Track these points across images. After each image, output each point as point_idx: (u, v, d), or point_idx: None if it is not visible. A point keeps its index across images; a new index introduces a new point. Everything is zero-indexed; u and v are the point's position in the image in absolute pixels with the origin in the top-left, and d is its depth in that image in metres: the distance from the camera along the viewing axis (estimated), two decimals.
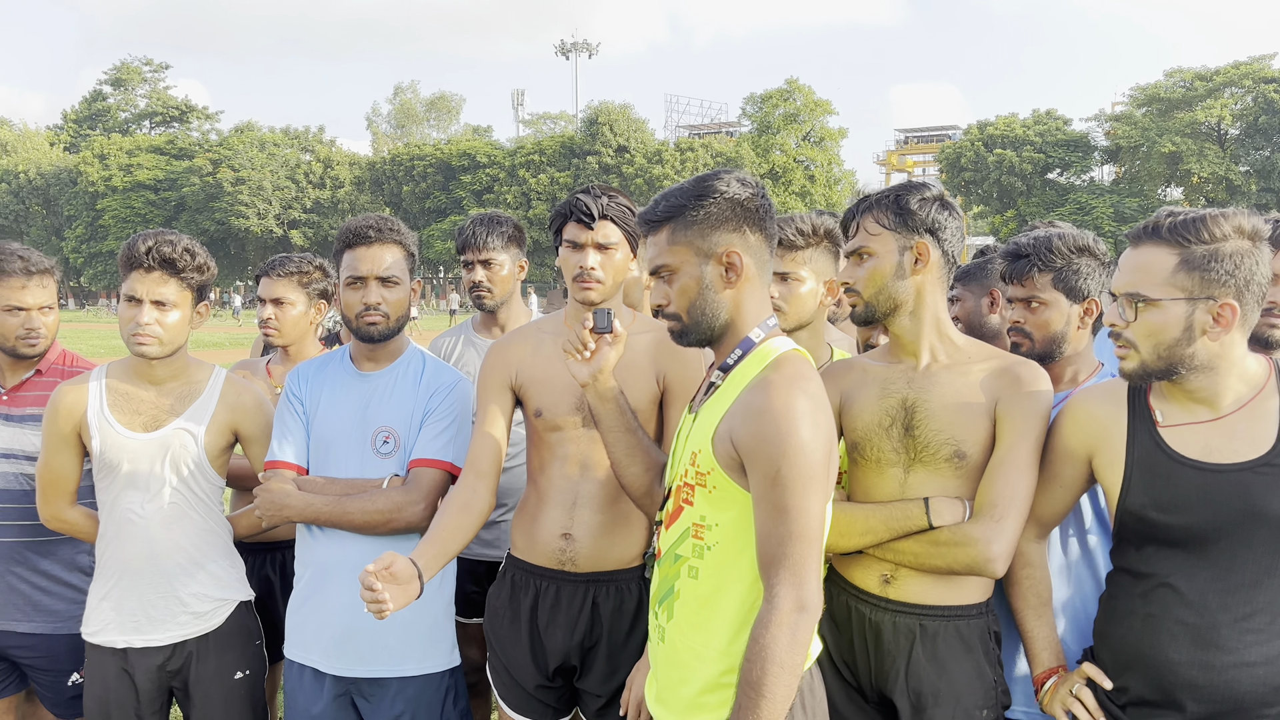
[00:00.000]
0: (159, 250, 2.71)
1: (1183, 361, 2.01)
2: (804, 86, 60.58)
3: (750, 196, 1.99)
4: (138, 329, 2.71)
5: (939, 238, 2.28)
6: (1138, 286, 2.02)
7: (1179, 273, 1.98)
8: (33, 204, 69.54)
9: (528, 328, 2.78)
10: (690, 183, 2.01)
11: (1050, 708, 2.23)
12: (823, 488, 1.87)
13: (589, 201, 2.58)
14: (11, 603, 3.10)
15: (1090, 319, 2.53)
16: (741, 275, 1.98)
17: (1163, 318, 2.00)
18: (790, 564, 1.83)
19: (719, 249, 1.97)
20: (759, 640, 1.82)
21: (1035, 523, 2.29)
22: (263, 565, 3.37)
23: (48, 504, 2.89)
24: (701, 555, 1.97)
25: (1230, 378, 2.04)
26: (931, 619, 2.25)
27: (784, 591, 1.83)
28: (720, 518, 1.94)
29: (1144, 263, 2.03)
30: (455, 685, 2.79)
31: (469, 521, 2.47)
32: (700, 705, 1.97)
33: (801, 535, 1.83)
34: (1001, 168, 56.46)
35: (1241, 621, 2.00)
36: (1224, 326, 1.98)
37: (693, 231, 1.98)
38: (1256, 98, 52.03)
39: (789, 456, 1.82)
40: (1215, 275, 1.96)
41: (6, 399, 3.15)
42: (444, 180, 63.04)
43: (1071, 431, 2.22)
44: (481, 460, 2.55)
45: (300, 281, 3.49)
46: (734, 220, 1.98)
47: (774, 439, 1.83)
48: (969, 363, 2.29)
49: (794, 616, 1.82)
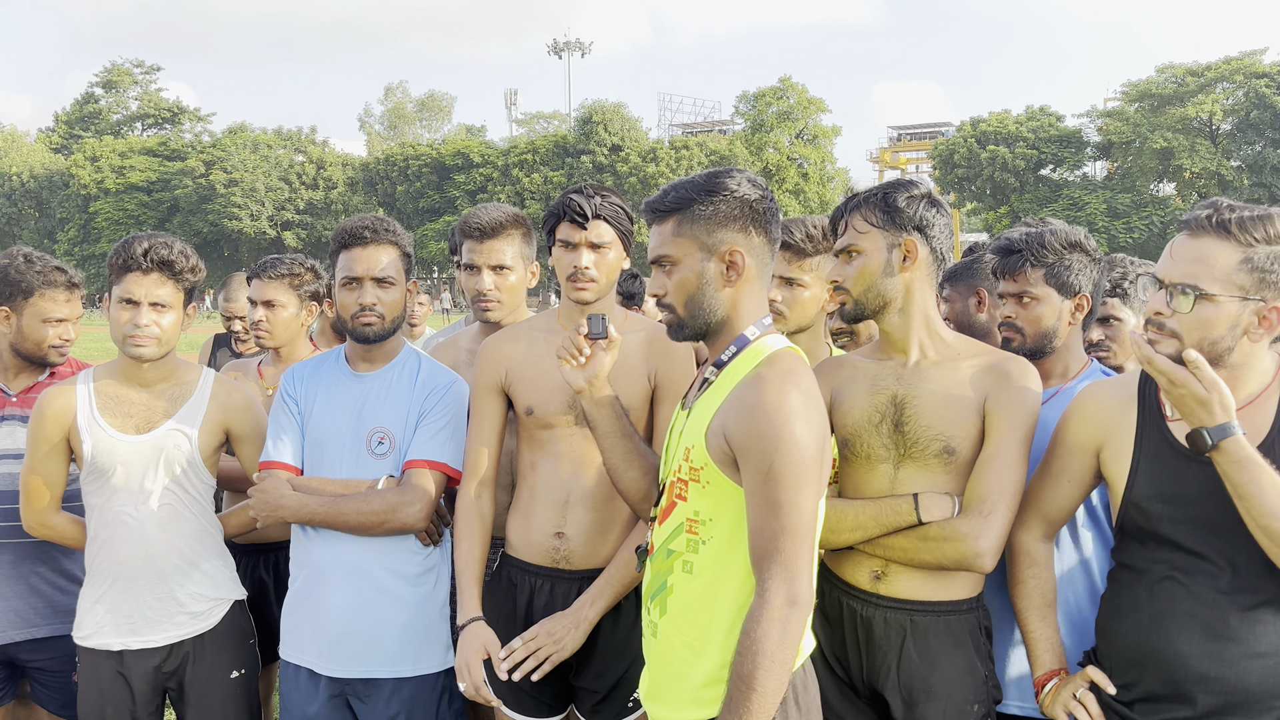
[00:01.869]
0: (157, 252, 2.71)
1: (1219, 358, 1.99)
2: (797, 84, 60.60)
3: (759, 199, 2.01)
4: (136, 330, 2.71)
5: (927, 235, 2.29)
6: (1196, 279, 1.96)
7: (1240, 270, 1.94)
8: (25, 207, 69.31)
9: (519, 326, 2.78)
10: (701, 177, 2.02)
11: (1051, 710, 2.23)
12: (815, 483, 1.88)
13: (582, 201, 2.58)
14: (31, 606, 3.11)
15: (1081, 314, 2.54)
16: (742, 275, 1.99)
17: (1216, 313, 1.95)
18: (782, 559, 1.84)
19: (722, 246, 1.99)
20: (750, 634, 1.84)
21: (1043, 521, 2.30)
22: (256, 566, 3.37)
23: (34, 510, 2.87)
24: (696, 550, 1.98)
25: (1250, 375, 2.04)
26: (922, 614, 2.26)
27: (775, 586, 1.84)
28: (714, 513, 1.95)
29: (1205, 255, 1.97)
30: (450, 686, 2.80)
31: (489, 533, 2.63)
32: (696, 699, 1.97)
33: (793, 530, 1.84)
34: (995, 164, 56.51)
35: (1250, 612, 2.00)
36: (1267, 329, 1.97)
37: (699, 226, 1.99)
38: (1248, 93, 52.13)
39: (782, 452, 1.83)
40: (1274, 278, 1.93)
41: (16, 401, 3.17)
42: (438, 180, 62.95)
43: (1081, 424, 2.22)
44: (483, 467, 2.63)
45: (292, 284, 3.48)
46: (740, 220, 1.99)
47: (767, 434, 1.84)
48: (958, 359, 2.30)
49: (785, 611, 1.83)
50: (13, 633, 3.11)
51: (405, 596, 2.71)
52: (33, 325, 3.14)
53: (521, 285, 3.09)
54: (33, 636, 3.12)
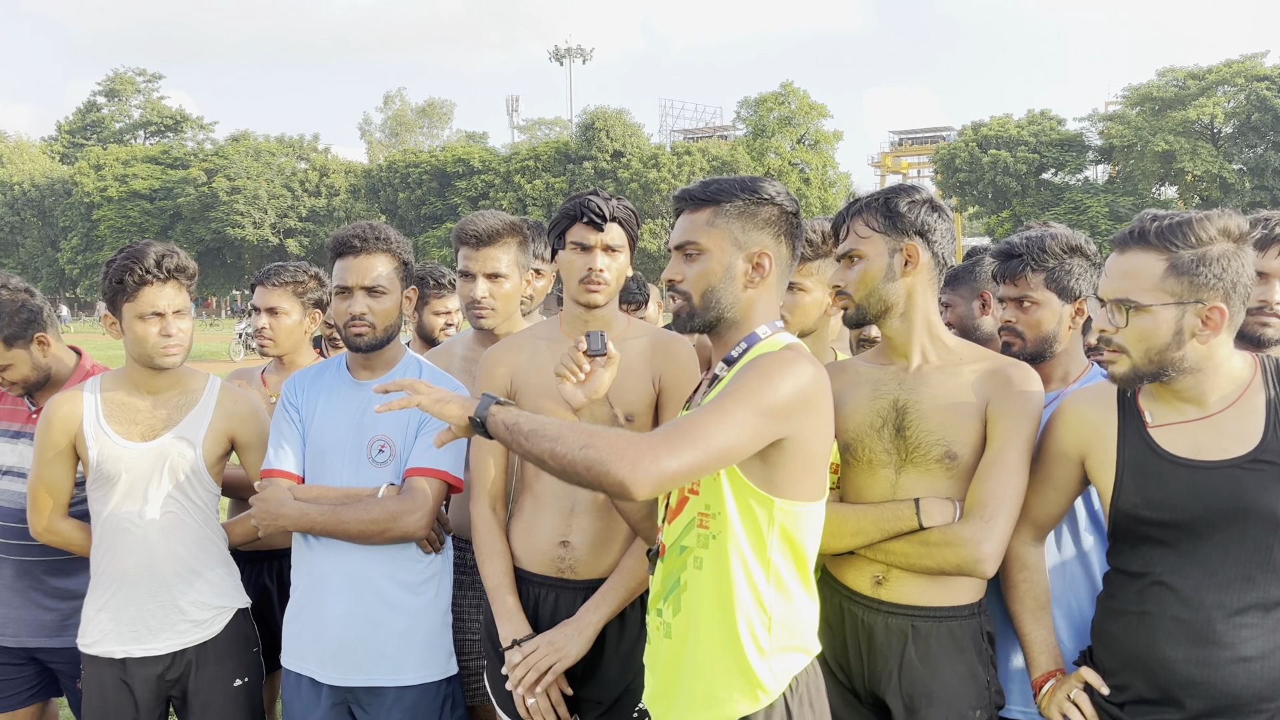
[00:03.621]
0: (169, 261, 2.74)
1: (1173, 364, 2.03)
2: (798, 90, 60.63)
3: (795, 212, 2.09)
4: (168, 341, 2.74)
5: (928, 239, 2.29)
6: (1127, 292, 2.03)
7: (1168, 278, 1.99)
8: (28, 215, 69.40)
9: (522, 334, 2.78)
10: (745, 178, 2.07)
11: (1048, 711, 2.24)
12: (755, 419, 1.84)
13: (600, 203, 2.57)
14: (38, 619, 3.13)
15: (1081, 319, 2.54)
16: (765, 278, 2.04)
17: (1153, 323, 2.01)
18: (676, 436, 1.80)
19: (754, 247, 2.03)
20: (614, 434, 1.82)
21: (1031, 526, 2.30)
22: (260, 574, 3.37)
23: (40, 517, 2.88)
24: (706, 544, 1.97)
25: (1217, 377, 2.06)
26: (924, 620, 2.26)
27: (660, 451, 1.77)
28: (722, 506, 1.95)
29: (1132, 268, 2.03)
30: (452, 694, 2.80)
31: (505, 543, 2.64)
32: (712, 698, 1.96)
33: (699, 429, 1.80)
34: (996, 168, 56.48)
35: (1236, 616, 2.01)
36: (1213, 329, 2.00)
37: (736, 223, 2.04)
38: (1249, 96, 52.08)
39: (749, 378, 1.87)
40: (1203, 279, 1.97)
41: (36, 417, 3.16)
42: (439, 187, 62.99)
43: (1063, 434, 2.24)
44: (493, 479, 2.65)
45: (295, 291, 3.48)
46: (776, 226, 2.06)
47: (753, 372, 1.89)
48: (960, 364, 2.30)
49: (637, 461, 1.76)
50: (26, 639, 3.13)
51: (406, 605, 2.71)
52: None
53: (516, 293, 3.09)
54: (44, 646, 3.14)
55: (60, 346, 3.21)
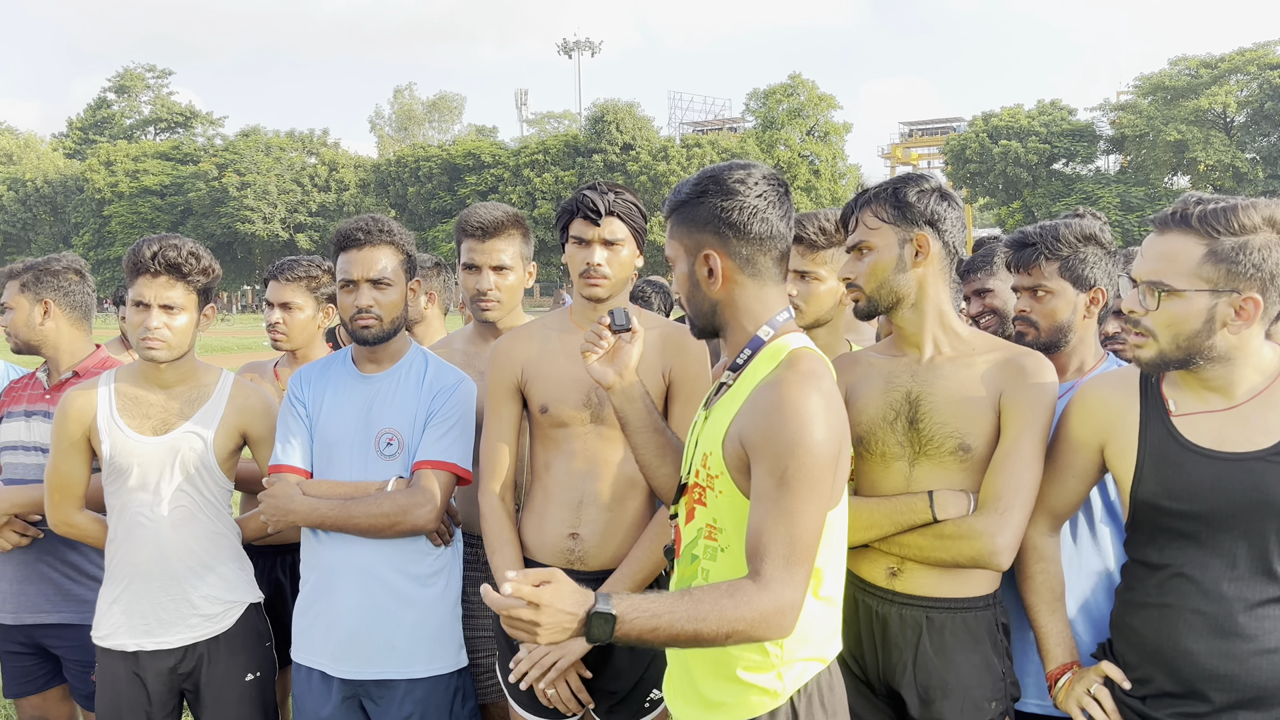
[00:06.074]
0: (165, 254, 2.72)
1: (1201, 352, 1.98)
2: (807, 81, 60.43)
3: (732, 206, 1.89)
4: (147, 334, 2.72)
5: (939, 229, 2.26)
6: (1162, 275, 1.97)
7: (1205, 264, 1.93)
8: (40, 211, 69.80)
9: (531, 325, 2.78)
10: (695, 176, 1.96)
11: (1065, 705, 2.21)
12: (827, 490, 1.79)
13: (595, 198, 2.58)
14: (41, 592, 3.17)
15: (1096, 308, 2.51)
16: (723, 278, 1.91)
17: (1185, 308, 1.96)
18: (784, 563, 1.73)
19: (700, 249, 1.93)
20: (733, 597, 1.72)
21: (1048, 515, 2.28)
22: (273, 568, 3.37)
23: (56, 509, 2.89)
24: (714, 557, 1.94)
25: (1246, 368, 2.01)
26: (938, 611, 2.24)
27: (779, 589, 1.73)
28: (728, 522, 1.91)
29: (1169, 250, 1.98)
30: (463, 686, 2.80)
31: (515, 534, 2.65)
32: (719, 705, 1.94)
33: (799, 539, 1.75)
34: (1007, 159, 56.28)
35: (1258, 609, 1.98)
36: (1245, 320, 1.95)
37: (681, 228, 1.95)
38: (1262, 84, 51.76)
39: (798, 456, 1.74)
40: (1242, 268, 1.92)
41: (49, 398, 3.22)
42: (449, 181, 63.04)
43: (1082, 420, 2.20)
44: (504, 468, 2.64)
45: (308, 286, 3.46)
46: (712, 224, 1.90)
47: (783, 437, 1.76)
48: (973, 354, 2.27)
49: (769, 617, 1.72)
50: (25, 615, 3.18)
51: (416, 597, 2.71)
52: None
53: (519, 285, 3.09)
54: (44, 621, 3.18)
55: (74, 331, 3.27)
